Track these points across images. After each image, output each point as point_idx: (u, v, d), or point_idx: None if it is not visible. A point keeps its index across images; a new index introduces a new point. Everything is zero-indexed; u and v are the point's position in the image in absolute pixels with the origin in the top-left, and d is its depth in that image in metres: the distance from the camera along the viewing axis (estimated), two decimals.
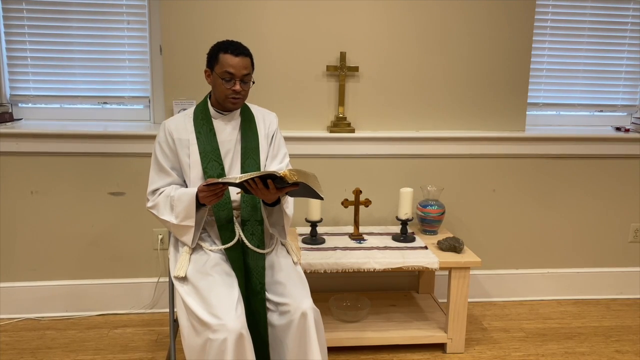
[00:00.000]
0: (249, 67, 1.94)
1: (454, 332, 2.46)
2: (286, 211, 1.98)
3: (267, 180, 1.76)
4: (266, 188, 1.77)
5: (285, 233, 2.02)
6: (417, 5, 2.75)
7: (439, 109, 2.86)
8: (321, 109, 2.80)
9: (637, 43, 3.09)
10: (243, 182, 1.76)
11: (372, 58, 2.77)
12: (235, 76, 1.91)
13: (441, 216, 2.70)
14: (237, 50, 1.92)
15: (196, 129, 2.00)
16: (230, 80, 1.92)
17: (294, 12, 2.69)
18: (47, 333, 2.61)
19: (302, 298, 1.84)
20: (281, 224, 2.00)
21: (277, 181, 1.76)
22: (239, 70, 1.91)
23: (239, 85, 1.92)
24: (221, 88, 1.93)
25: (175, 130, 2.01)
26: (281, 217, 1.99)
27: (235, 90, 1.92)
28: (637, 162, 3.00)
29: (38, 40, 2.76)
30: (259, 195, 1.82)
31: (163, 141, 2.01)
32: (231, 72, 1.90)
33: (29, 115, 2.86)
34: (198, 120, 2.01)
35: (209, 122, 2.01)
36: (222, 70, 1.91)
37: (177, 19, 2.64)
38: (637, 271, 3.12)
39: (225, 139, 2.02)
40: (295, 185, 1.78)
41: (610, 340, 2.64)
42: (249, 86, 1.98)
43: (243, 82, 1.94)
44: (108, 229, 2.75)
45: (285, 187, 1.80)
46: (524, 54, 2.86)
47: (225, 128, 2.03)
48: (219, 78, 1.93)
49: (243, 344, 1.72)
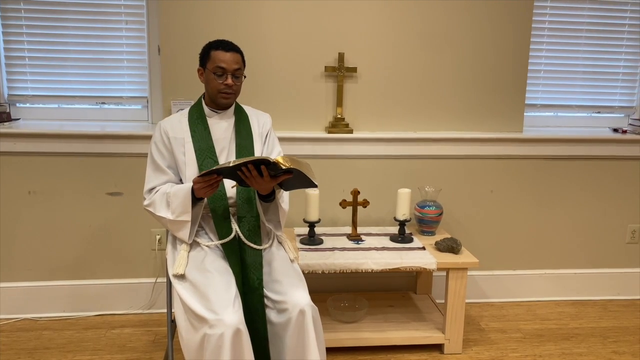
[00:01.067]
0: (240, 62, 2.00)
1: (452, 333, 2.46)
2: (282, 205, 2.00)
3: (261, 167, 1.77)
4: (260, 176, 1.79)
5: (280, 226, 2.04)
6: (416, 6, 2.75)
7: (437, 109, 2.87)
8: (319, 110, 2.80)
9: (634, 45, 3.10)
10: (237, 171, 1.77)
11: (370, 59, 2.78)
12: (226, 71, 1.96)
13: (439, 217, 2.70)
14: (227, 46, 1.99)
15: (191, 128, 2.04)
16: (222, 75, 1.97)
17: (293, 13, 2.69)
18: (45, 333, 2.61)
19: (300, 295, 1.84)
20: (277, 218, 2.03)
21: (271, 167, 1.77)
22: (230, 64, 1.96)
23: (230, 79, 1.97)
24: (214, 83, 1.98)
25: (170, 130, 2.04)
26: (277, 212, 2.01)
27: (228, 85, 1.97)
28: (634, 163, 3.01)
29: (36, 40, 2.76)
30: (253, 184, 1.83)
31: (159, 140, 2.05)
32: (223, 66, 1.96)
33: (27, 115, 2.86)
34: (193, 120, 2.06)
35: (203, 120, 2.05)
36: (214, 66, 1.96)
37: (175, 19, 2.64)
38: (634, 272, 3.13)
39: (220, 137, 2.05)
40: (289, 173, 1.78)
41: (607, 341, 2.64)
42: (241, 81, 2.03)
43: (235, 76, 1.99)
44: (106, 229, 2.75)
45: (279, 176, 1.80)
46: (522, 55, 2.86)
47: (220, 126, 2.06)
48: (211, 73, 1.98)
49: (240, 339, 1.72)
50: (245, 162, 1.74)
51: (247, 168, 1.77)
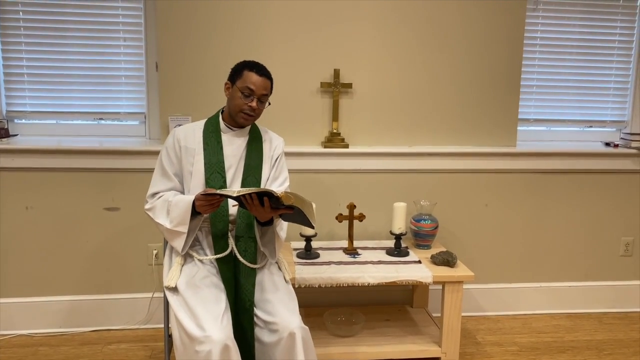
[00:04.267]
0: (268, 89, 2.03)
1: (448, 346, 2.47)
2: (279, 233, 2.01)
3: (264, 198, 1.79)
4: (261, 206, 1.81)
5: (275, 254, 2.05)
6: (410, 23, 2.80)
7: (431, 124, 2.90)
8: (315, 125, 2.83)
9: (625, 60, 3.15)
10: (240, 195, 1.79)
11: (365, 75, 2.81)
12: (254, 93, 1.99)
13: (434, 230, 2.72)
14: (261, 71, 2.02)
15: (204, 140, 2.06)
16: (249, 96, 1.99)
17: (289, 30, 2.73)
18: (41, 349, 2.60)
19: (291, 317, 1.85)
20: (273, 244, 2.03)
21: (273, 200, 1.80)
22: (260, 89, 1.99)
23: (255, 102, 1.99)
24: (238, 102, 2.00)
25: (183, 138, 2.06)
26: (273, 239, 2.02)
27: (252, 107, 1.99)
28: (626, 176, 3.05)
29: (34, 57, 2.78)
30: (253, 211, 1.85)
31: (170, 147, 2.07)
32: (252, 88, 1.98)
33: (25, 131, 2.87)
34: (208, 132, 2.07)
35: (217, 135, 2.07)
36: (244, 85, 1.98)
37: (172, 36, 2.67)
38: (628, 285, 3.15)
39: (231, 154, 2.06)
40: (290, 209, 1.81)
41: (602, 354, 2.66)
42: (264, 106, 2.06)
43: (260, 101, 2.02)
44: (103, 244, 2.76)
45: (279, 209, 1.83)
46: (515, 70, 2.91)
47: (233, 143, 2.07)
48: (238, 91, 2.00)
49: (229, 355, 1.73)
50: (249, 192, 1.77)
51: (250, 196, 1.79)
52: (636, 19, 3.10)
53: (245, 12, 2.69)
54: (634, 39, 3.12)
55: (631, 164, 3.03)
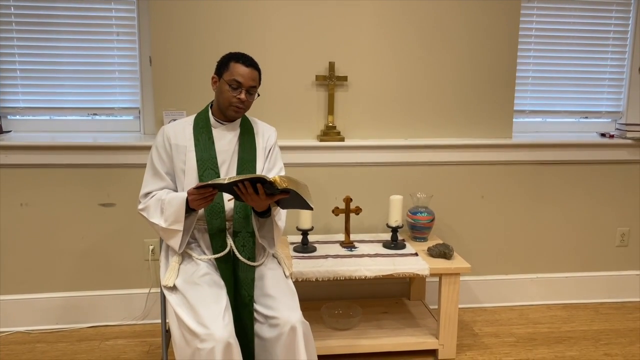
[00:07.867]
0: (256, 80, 2.00)
1: (445, 338, 2.48)
2: (277, 222, 1.99)
3: (257, 185, 1.76)
4: (256, 194, 1.79)
5: (274, 244, 2.03)
6: (405, 15, 2.79)
7: (428, 117, 2.90)
8: (311, 118, 2.82)
9: (620, 51, 3.15)
10: (233, 186, 1.76)
11: (361, 68, 2.80)
12: (242, 85, 1.96)
13: (431, 223, 2.73)
14: (248, 61, 1.98)
15: (195, 137, 2.02)
16: (237, 89, 1.96)
17: (283, 23, 2.72)
18: (38, 346, 2.59)
19: (292, 312, 1.85)
20: (271, 235, 2.01)
21: (267, 186, 1.76)
22: (247, 80, 1.96)
23: (244, 94, 1.96)
24: (227, 95, 1.97)
25: (173, 136, 2.03)
26: (272, 229, 2.00)
27: (240, 99, 1.96)
28: (622, 167, 3.05)
29: (27, 52, 2.76)
30: (248, 201, 1.83)
31: (160, 146, 2.04)
32: (239, 80, 1.95)
33: (18, 128, 2.85)
34: (198, 128, 2.04)
35: (208, 130, 2.04)
36: (231, 78, 1.95)
37: (166, 30, 2.65)
38: (624, 275, 3.16)
39: (223, 149, 2.03)
40: (286, 192, 1.78)
41: (599, 344, 2.67)
42: (253, 98, 2.03)
43: (249, 93, 1.99)
44: (99, 240, 2.75)
45: (275, 195, 1.80)
46: (510, 62, 2.90)
47: (224, 138, 2.05)
48: (226, 84, 1.96)
49: (231, 353, 1.73)
50: (241, 180, 1.73)
51: (243, 185, 1.76)
52: (631, 9, 3.10)
53: (239, 4, 2.67)
54: (629, 30, 3.12)
55: (627, 155, 3.03)
